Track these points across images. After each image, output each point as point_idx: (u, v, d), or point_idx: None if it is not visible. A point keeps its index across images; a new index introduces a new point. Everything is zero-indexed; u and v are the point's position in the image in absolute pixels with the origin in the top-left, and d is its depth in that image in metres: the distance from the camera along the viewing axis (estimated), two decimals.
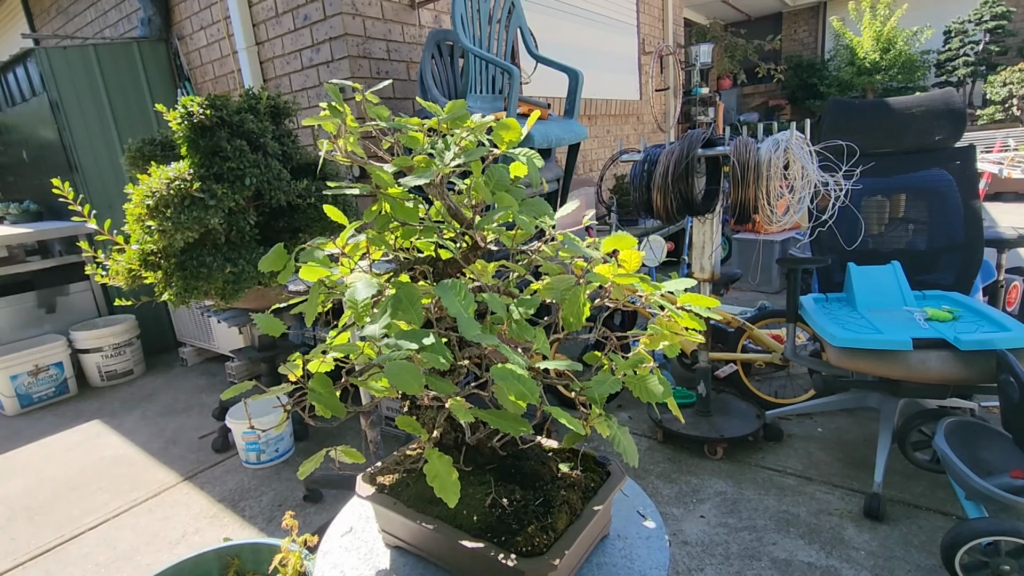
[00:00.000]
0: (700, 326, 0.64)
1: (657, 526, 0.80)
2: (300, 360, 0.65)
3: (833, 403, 2.18)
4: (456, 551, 0.70)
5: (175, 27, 3.71)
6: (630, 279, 0.62)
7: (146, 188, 1.74)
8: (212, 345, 3.45)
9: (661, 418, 2.25)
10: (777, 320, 2.52)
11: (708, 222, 2.13)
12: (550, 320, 0.69)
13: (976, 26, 8.71)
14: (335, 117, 0.66)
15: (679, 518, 1.83)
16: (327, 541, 0.84)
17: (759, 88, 10.92)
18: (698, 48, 7.33)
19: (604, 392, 0.60)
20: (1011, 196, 6.40)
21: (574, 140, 2.85)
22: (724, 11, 10.31)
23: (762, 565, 1.61)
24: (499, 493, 0.74)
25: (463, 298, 0.57)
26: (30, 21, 5.06)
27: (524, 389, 0.55)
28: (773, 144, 1.84)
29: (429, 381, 0.58)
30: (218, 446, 2.48)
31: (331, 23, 2.84)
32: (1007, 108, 8.07)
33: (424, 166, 0.66)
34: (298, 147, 2.21)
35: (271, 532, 1.94)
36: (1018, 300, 2.52)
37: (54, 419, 3.01)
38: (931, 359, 1.66)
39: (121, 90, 3.56)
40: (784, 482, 1.97)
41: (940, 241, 2.17)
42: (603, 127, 5.30)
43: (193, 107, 1.82)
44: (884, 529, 1.71)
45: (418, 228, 0.71)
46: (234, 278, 1.84)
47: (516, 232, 0.69)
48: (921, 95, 2.20)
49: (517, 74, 2.54)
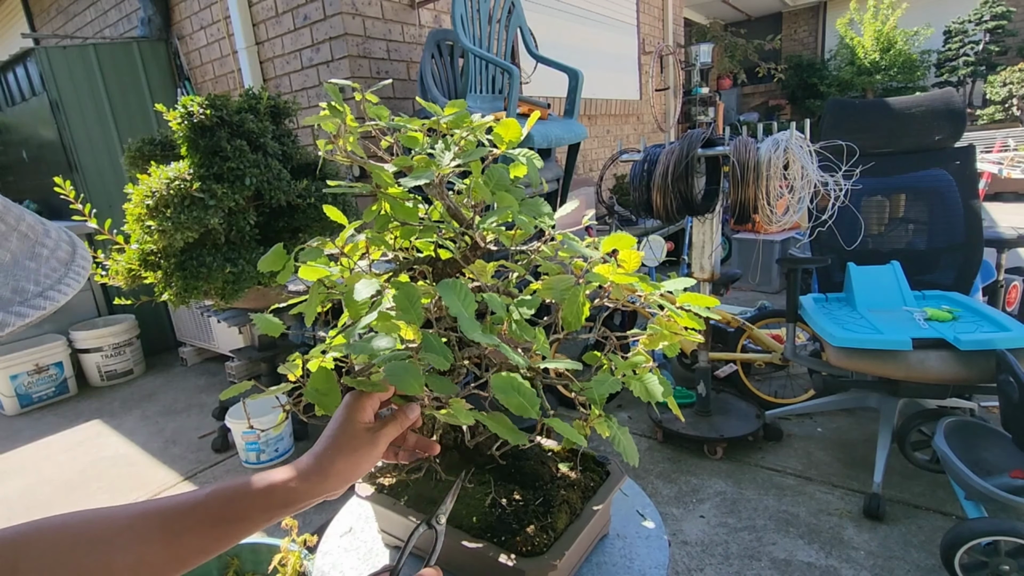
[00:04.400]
0: (700, 326, 0.64)
1: (657, 526, 0.80)
2: (300, 360, 0.65)
3: (833, 403, 2.18)
4: (456, 551, 0.70)
5: (175, 27, 3.71)
6: (630, 279, 0.62)
7: (146, 188, 1.74)
8: (212, 345, 3.45)
9: (661, 418, 2.25)
10: (777, 320, 2.52)
11: (708, 222, 2.13)
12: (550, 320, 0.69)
13: (976, 26, 8.71)
14: (335, 117, 0.66)
15: (679, 518, 1.83)
16: (326, 541, 0.84)
17: (759, 88, 10.92)
18: (698, 48, 7.33)
19: (604, 392, 0.60)
20: (1011, 196, 6.40)
21: (574, 140, 2.85)
22: (724, 11, 10.31)
23: (762, 565, 1.61)
24: (499, 493, 0.74)
25: (464, 297, 0.57)
26: (30, 21, 5.06)
27: (524, 402, 0.55)
28: (773, 144, 1.84)
29: (429, 381, 0.58)
30: (218, 446, 2.48)
31: (331, 23, 2.84)
32: (1007, 108, 8.07)
33: (424, 166, 0.66)
34: (298, 147, 2.21)
35: (270, 532, 1.93)
36: (1018, 300, 2.52)
37: (54, 419, 3.01)
38: (931, 359, 1.66)
39: (121, 90, 3.56)
40: (784, 482, 1.97)
41: (940, 241, 2.17)
42: (603, 127, 5.30)
43: (193, 107, 1.82)
44: (884, 529, 1.71)
45: (418, 228, 0.71)
46: (234, 278, 1.84)
47: (516, 232, 0.69)
48: (921, 95, 2.20)
49: (517, 74, 2.54)
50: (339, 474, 0.57)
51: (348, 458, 0.57)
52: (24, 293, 0.33)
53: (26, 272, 0.33)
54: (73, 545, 0.47)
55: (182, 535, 0.51)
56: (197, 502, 0.53)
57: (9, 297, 0.32)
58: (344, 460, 0.57)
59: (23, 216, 0.35)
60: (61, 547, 0.47)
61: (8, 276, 0.32)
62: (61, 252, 0.37)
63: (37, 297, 0.33)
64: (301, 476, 0.56)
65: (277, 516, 0.55)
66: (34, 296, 0.33)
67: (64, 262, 0.37)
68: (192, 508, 0.52)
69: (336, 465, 0.57)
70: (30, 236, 0.35)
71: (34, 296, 0.33)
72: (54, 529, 0.48)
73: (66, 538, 0.47)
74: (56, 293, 0.34)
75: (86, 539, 0.48)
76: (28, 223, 0.35)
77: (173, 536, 0.50)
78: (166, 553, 0.50)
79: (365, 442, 0.58)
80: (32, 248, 0.35)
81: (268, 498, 0.54)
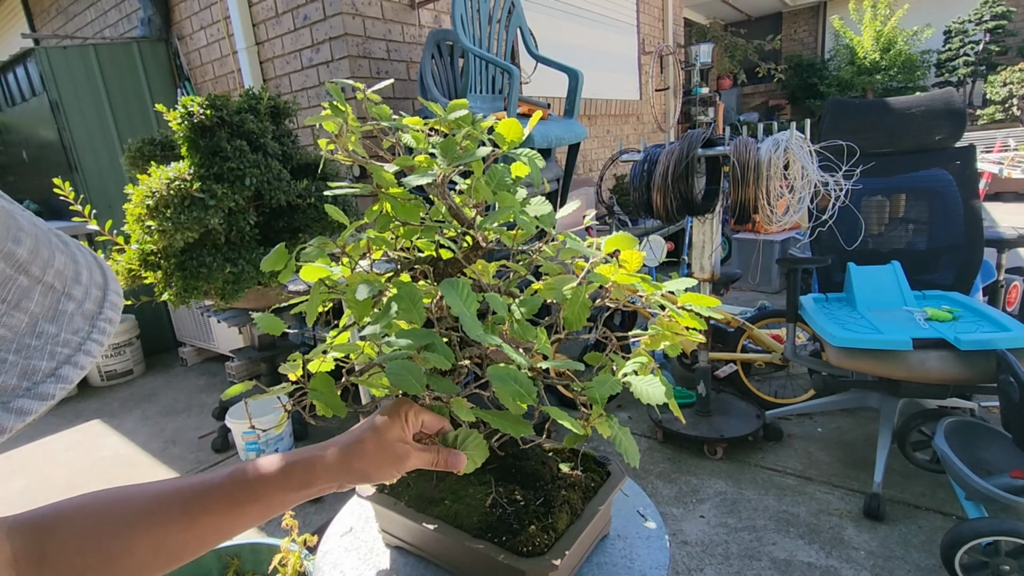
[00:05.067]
0: (701, 325, 0.64)
1: (657, 526, 0.80)
2: (300, 360, 0.65)
3: (833, 403, 2.18)
4: (457, 551, 0.70)
5: (175, 27, 3.71)
6: (631, 279, 0.62)
7: (146, 188, 1.74)
8: (212, 345, 3.45)
9: (661, 418, 2.25)
10: (777, 320, 2.52)
11: (708, 222, 2.13)
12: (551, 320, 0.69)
13: (976, 26, 8.71)
14: (337, 116, 0.66)
15: (679, 518, 1.83)
16: (327, 541, 0.84)
17: (759, 88, 10.92)
18: (698, 48, 7.33)
19: (605, 393, 0.60)
20: (1011, 196, 6.40)
21: (574, 140, 2.85)
22: (724, 11, 10.31)
23: (762, 565, 1.61)
24: (500, 493, 0.74)
25: (465, 297, 0.57)
26: (30, 21, 5.06)
27: (521, 390, 0.55)
28: (773, 144, 1.84)
29: (430, 380, 0.58)
30: (218, 446, 2.48)
31: (331, 23, 2.84)
32: (1007, 108, 8.08)
33: (425, 166, 0.66)
34: (298, 147, 2.21)
35: (271, 532, 1.94)
36: (1018, 300, 2.52)
37: (54, 419, 3.01)
38: (931, 359, 1.66)
39: (121, 90, 3.56)
40: (784, 482, 1.97)
41: (940, 241, 2.17)
42: (603, 127, 5.30)
43: (193, 107, 1.81)
44: (884, 529, 1.71)
45: (419, 228, 0.71)
46: (234, 278, 1.84)
47: (517, 232, 0.69)
48: (921, 95, 2.20)
49: (517, 74, 2.54)
50: (358, 473, 0.57)
51: (371, 463, 0.58)
52: (34, 375, 0.26)
53: (42, 342, 0.27)
54: (97, 530, 0.48)
55: (200, 517, 0.52)
56: (215, 483, 0.54)
57: (15, 384, 0.25)
58: (368, 464, 0.58)
59: (53, 257, 0.28)
60: (87, 532, 0.48)
61: (20, 352, 0.26)
62: (89, 303, 0.30)
63: (47, 379, 0.26)
64: (322, 465, 0.57)
65: (292, 499, 0.56)
66: (44, 378, 0.26)
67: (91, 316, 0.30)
68: (210, 489, 0.53)
69: (357, 464, 0.57)
70: (56, 287, 0.28)
71: (44, 378, 0.26)
72: (78, 511, 0.49)
73: (91, 522, 0.48)
74: (71, 369, 0.28)
75: (108, 524, 0.49)
76: (57, 268, 0.28)
77: (192, 518, 0.51)
78: (186, 534, 0.51)
79: (393, 456, 0.58)
80: (56, 304, 0.28)
81: (286, 480, 0.55)
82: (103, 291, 0.31)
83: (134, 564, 0.49)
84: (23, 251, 0.26)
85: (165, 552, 0.50)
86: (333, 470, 0.56)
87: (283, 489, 0.55)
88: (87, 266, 0.31)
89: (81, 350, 0.28)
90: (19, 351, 0.26)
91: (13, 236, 0.26)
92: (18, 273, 0.26)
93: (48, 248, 0.28)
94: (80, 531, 0.48)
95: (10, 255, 0.25)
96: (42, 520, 0.47)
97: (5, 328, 0.25)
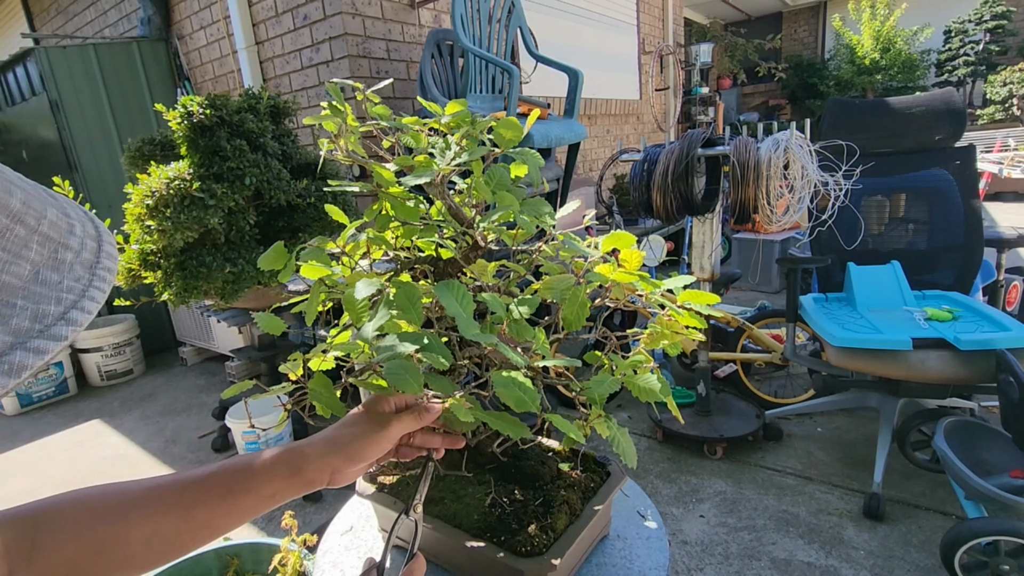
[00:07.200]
0: (701, 324, 0.64)
1: (657, 526, 0.80)
2: (301, 359, 0.65)
3: (833, 403, 2.18)
4: (456, 551, 0.70)
5: (175, 27, 3.71)
6: (630, 277, 0.62)
7: (146, 188, 1.73)
8: (212, 345, 3.45)
9: (661, 418, 2.25)
10: (777, 320, 2.52)
11: (708, 222, 2.13)
12: (550, 320, 0.69)
13: (976, 26, 8.71)
14: (336, 116, 0.66)
15: (679, 518, 1.83)
16: (327, 540, 0.84)
17: (759, 88, 10.91)
18: (698, 48, 7.33)
19: (604, 392, 0.60)
20: (1011, 196, 6.40)
21: (574, 140, 2.85)
22: (724, 11, 10.31)
23: (762, 565, 1.61)
24: (499, 493, 0.74)
25: (461, 298, 0.57)
26: (30, 21, 5.06)
27: (524, 396, 0.55)
28: (773, 144, 1.84)
29: (429, 380, 0.58)
30: (218, 446, 2.48)
31: (331, 22, 2.84)
32: (1007, 108, 8.07)
33: (425, 165, 0.66)
34: (298, 147, 2.21)
35: (271, 531, 1.94)
36: (1018, 300, 2.52)
37: (54, 419, 3.01)
38: (931, 359, 1.66)
39: (121, 90, 3.56)
40: (784, 482, 1.97)
41: (940, 241, 2.17)
42: (603, 127, 5.30)
43: (193, 107, 1.81)
44: (884, 529, 1.71)
45: (419, 227, 0.71)
46: (234, 278, 1.84)
47: (517, 232, 0.69)
48: (921, 95, 2.20)
49: (517, 74, 2.54)
50: (347, 448, 0.58)
51: (360, 440, 0.58)
52: (44, 319, 0.27)
53: (47, 288, 0.27)
54: (91, 519, 0.48)
55: (193, 508, 0.52)
56: (207, 475, 0.54)
57: (28, 327, 0.26)
58: (357, 441, 0.58)
59: (45, 210, 0.29)
60: (79, 521, 0.48)
61: (28, 298, 0.26)
62: (86, 253, 0.31)
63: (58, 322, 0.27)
64: (311, 448, 0.57)
65: (284, 488, 0.56)
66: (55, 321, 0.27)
67: (89, 265, 0.31)
68: (202, 480, 0.54)
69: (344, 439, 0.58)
70: (53, 237, 0.29)
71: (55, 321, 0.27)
72: (71, 503, 0.49)
73: (83, 512, 0.49)
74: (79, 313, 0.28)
75: (102, 513, 0.49)
76: (50, 220, 0.29)
77: (185, 509, 0.52)
78: (179, 525, 0.51)
79: (379, 424, 0.59)
80: (55, 254, 0.29)
81: (275, 467, 0.55)
82: (97, 242, 0.32)
83: (126, 555, 0.49)
84: (16, 202, 0.27)
85: (157, 543, 0.50)
86: (321, 450, 0.57)
87: (273, 477, 0.55)
88: (79, 220, 0.32)
89: (85, 296, 0.29)
90: (27, 297, 0.27)
91: (4, 188, 0.26)
92: (14, 223, 0.26)
93: (40, 201, 0.29)
94: (72, 521, 0.48)
95: (4, 206, 0.26)
96: (34, 513, 0.47)
97: (10, 276, 0.26)
